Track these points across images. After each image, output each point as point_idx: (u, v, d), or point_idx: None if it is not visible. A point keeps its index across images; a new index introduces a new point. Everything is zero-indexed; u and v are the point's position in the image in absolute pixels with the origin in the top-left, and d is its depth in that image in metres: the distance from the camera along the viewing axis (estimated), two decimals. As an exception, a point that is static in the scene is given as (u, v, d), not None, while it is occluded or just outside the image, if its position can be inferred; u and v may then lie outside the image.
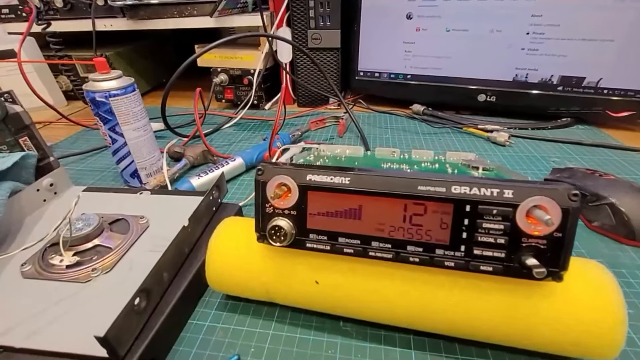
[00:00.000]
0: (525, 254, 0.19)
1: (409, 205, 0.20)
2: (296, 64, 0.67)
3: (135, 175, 0.42)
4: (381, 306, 0.22)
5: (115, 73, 0.38)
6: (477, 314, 0.21)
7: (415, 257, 0.21)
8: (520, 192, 0.18)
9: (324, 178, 0.21)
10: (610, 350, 0.19)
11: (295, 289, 0.24)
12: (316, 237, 0.22)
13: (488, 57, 0.57)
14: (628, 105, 0.53)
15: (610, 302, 0.19)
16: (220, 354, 0.24)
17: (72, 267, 0.27)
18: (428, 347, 0.24)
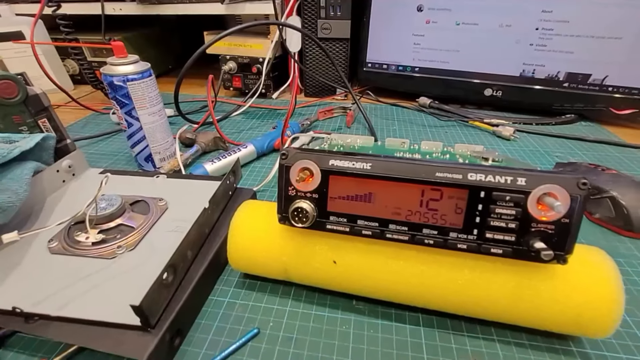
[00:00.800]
0: (534, 238, 0.20)
1: (426, 190, 0.21)
2: (305, 53, 0.67)
3: (150, 160, 0.43)
4: (396, 285, 0.24)
5: (133, 57, 0.38)
6: (485, 294, 0.22)
7: (430, 239, 0.22)
8: (533, 180, 0.20)
9: (346, 163, 0.22)
10: (607, 329, 0.21)
11: (314, 269, 0.25)
12: (336, 219, 0.23)
13: (496, 51, 0.58)
14: (631, 103, 0.54)
15: (609, 285, 0.21)
16: (240, 327, 0.25)
17: (97, 244, 0.28)
18: (436, 324, 0.25)
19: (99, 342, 0.21)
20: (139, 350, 0.21)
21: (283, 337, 0.25)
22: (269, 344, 0.24)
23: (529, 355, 0.23)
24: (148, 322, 0.21)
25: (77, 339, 0.22)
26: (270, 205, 0.28)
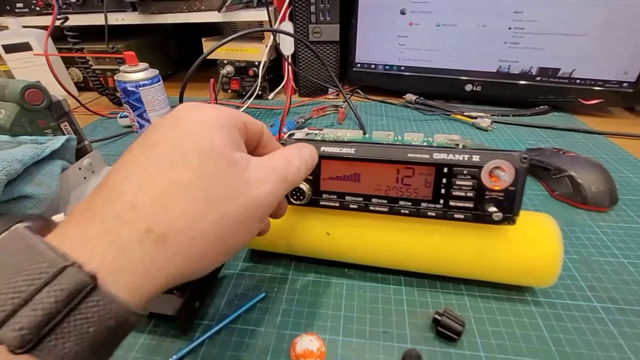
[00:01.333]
0: (488, 204, 0.25)
1: (401, 169, 0.26)
2: (298, 56, 0.71)
3: (160, 157, 0.47)
4: (380, 251, 0.28)
5: (143, 65, 0.43)
6: (454, 254, 0.27)
7: (406, 209, 0.26)
8: (485, 156, 0.24)
9: (334, 149, 0.27)
10: (551, 277, 0.26)
11: (311, 241, 0.30)
12: (328, 196, 0.28)
13: (474, 50, 0.63)
14: (597, 94, 0.59)
15: (554, 244, 0.26)
16: (249, 293, 0.30)
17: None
18: (415, 284, 0.30)
19: (135, 303, 0.26)
20: (169, 307, 0.25)
21: (286, 298, 0.29)
22: (274, 304, 0.29)
23: (491, 304, 0.28)
24: (174, 285, 0.26)
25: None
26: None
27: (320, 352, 0.25)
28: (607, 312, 0.27)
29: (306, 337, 0.26)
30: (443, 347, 0.25)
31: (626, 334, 0.25)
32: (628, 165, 0.46)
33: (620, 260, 0.31)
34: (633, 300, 0.28)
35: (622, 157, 0.48)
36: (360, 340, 0.26)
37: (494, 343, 0.25)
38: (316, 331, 0.26)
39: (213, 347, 0.26)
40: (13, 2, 0.73)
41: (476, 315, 0.27)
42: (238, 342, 0.26)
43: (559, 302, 0.28)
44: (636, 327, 0.26)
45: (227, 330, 0.27)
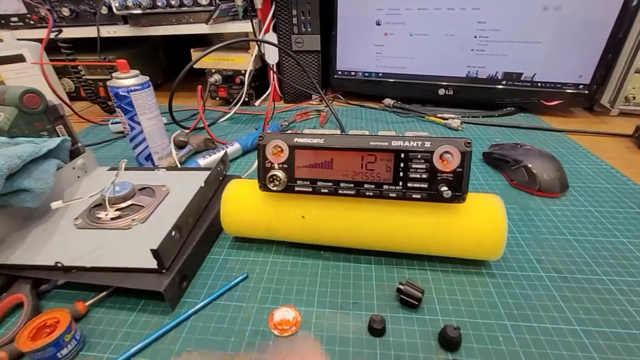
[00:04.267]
0: (440, 184, 0.28)
1: (365, 156, 0.29)
2: (282, 65, 0.76)
3: (149, 159, 0.50)
4: (348, 231, 0.32)
5: (134, 72, 0.46)
6: (414, 231, 0.30)
7: (370, 192, 0.30)
8: (435, 142, 0.28)
9: (306, 140, 0.30)
10: (499, 248, 0.29)
11: (288, 224, 0.33)
12: (302, 182, 0.31)
13: (445, 57, 0.68)
14: (558, 95, 0.64)
15: (499, 217, 0.29)
16: (233, 274, 0.32)
17: (115, 219, 0.35)
18: (384, 262, 0.33)
19: (126, 282, 0.28)
20: (158, 284, 0.28)
21: (267, 278, 0.32)
22: (256, 283, 0.31)
23: (450, 277, 0.31)
24: (163, 264, 0.28)
25: (109, 281, 0.28)
26: (253, 181, 0.35)
27: (296, 320, 0.27)
28: (551, 280, 0.30)
29: (283, 308, 0.28)
30: (405, 313, 0.28)
31: (566, 297, 0.29)
32: (581, 157, 0.50)
33: (566, 237, 0.35)
34: (574, 270, 0.31)
35: (577, 151, 0.52)
36: (333, 310, 0.28)
37: (450, 309, 0.28)
38: (293, 304, 0.29)
39: (198, 321, 0.28)
40: (8, 16, 0.76)
41: (436, 286, 0.30)
42: (221, 316, 0.28)
43: (510, 274, 0.31)
44: (575, 291, 0.29)
45: (211, 306, 0.29)
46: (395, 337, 0.26)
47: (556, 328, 0.26)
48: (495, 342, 0.25)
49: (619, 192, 0.42)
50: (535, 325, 0.26)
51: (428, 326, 0.27)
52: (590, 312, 0.27)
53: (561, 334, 0.26)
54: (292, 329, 0.27)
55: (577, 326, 0.26)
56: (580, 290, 0.29)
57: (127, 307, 0.29)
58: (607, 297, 0.29)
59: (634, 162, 0.49)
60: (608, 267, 0.31)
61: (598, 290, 0.29)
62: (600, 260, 0.32)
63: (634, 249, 0.33)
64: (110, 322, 0.28)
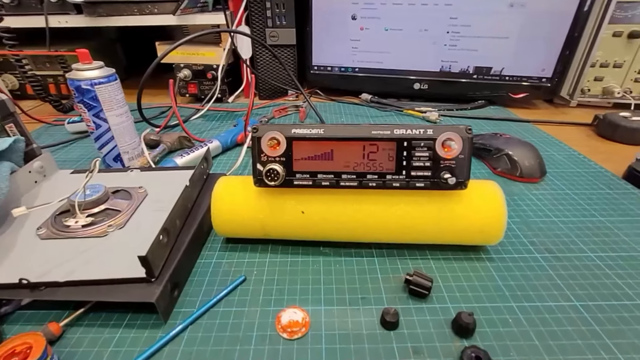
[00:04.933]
0: (443, 171, 0.28)
1: (367, 145, 0.28)
2: (256, 59, 0.73)
3: (118, 159, 0.46)
4: (351, 225, 0.30)
5: (98, 63, 0.41)
6: (417, 220, 0.30)
7: (373, 182, 0.29)
8: (437, 130, 0.28)
9: (305, 131, 0.28)
10: (500, 232, 0.30)
11: (286, 221, 0.31)
12: (301, 176, 0.29)
13: (419, 52, 0.69)
14: (523, 88, 0.68)
15: (499, 203, 0.30)
16: (229, 278, 0.30)
17: (88, 227, 0.31)
18: (386, 254, 0.32)
19: (111, 295, 0.25)
20: (148, 295, 0.25)
21: (267, 279, 0.30)
22: (255, 285, 0.29)
23: (453, 264, 0.31)
24: (152, 272, 0.25)
25: (89, 296, 0.25)
26: (243, 177, 0.33)
27: (305, 321, 0.26)
28: (546, 260, 0.32)
29: (290, 310, 0.27)
30: (415, 304, 0.27)
31: (562, 275, 0.30)
32: (551, 145, 0.54)
33: (552, 219, 0.37)
34: (564, 249, 0.33)
35: (546, 139, 0.56)
36: (342, 307, 0.27)
37: (458, 295, 0.28)
38: (299, 305, 0.27)
39: (196, 331, 0.25)
40: None
41: (441, 275, 0.30)
42: (222, 324, 0.26)
43: (508, 257, 0.32)
44: (568, 269, 0.30)
45: (209, 314, 0.27)
46: (409, 328, 0.25)
47: (558, 305, 0.27)
48: (505, 324, 0.26)
49: (590, 176, 0.45)
50: (539, 304, 0.27)
51: (439, 315, 0.26)
52: (585, 287, 0.29)
53: (563, 310, 0.27)
54: (302, 330, 0.25)
55: (576, 302, 0.27)
56: (572, 268, 0.31)
57: (111, 324, 0.26)
58: (597, 272, 0.30)
59: (597, 149, 0.53)
60: (593, 245, 0.33)
61: (588, 267, 0.31)
62: (585, 239, 0.34)
63: (611, 226, 0.36)
64: (92, 342, 0.25)
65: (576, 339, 0.25)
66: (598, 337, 0.25)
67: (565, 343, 0.24)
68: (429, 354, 0.24)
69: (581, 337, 0.25)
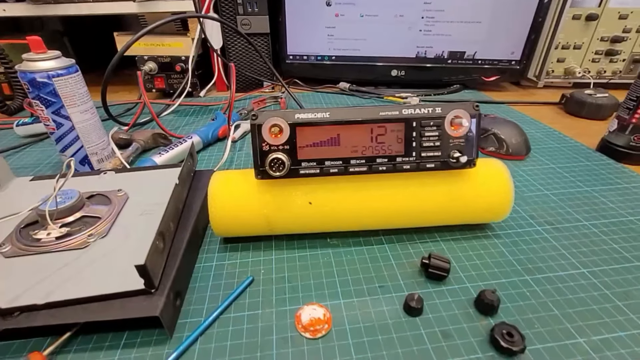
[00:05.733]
0: (453, 150, 0.28)
1: (374, 128, 0.27)
2: (228, 49, 0.69)
3: (86, 161, 0.40)
4: (361, 212, 0.29)
5: (54, 53, 0.36)
6: (428, 202, 0.29)
7: (383, 166, 0.28)
8: (446, 108, 0.27)
9: (309, 115, 0.26)
10: (508, 208, 0.30)
11: (293, 214, 0.29)
12: (307, 164, 0.27)
13: (395, 38, 0.69)
14: (495, 72, 0.70)
15: (506, 180, 0.30)
16: (235, 280, 0.27)
17: (63, 238, 0.27)
18: (396, 240, 0.31)
19: (104, 313, 0.21)
20: (150, 308, 0.22)
21: (276, 277, 0.28)
22: (265, 285, 0.27)
23: (463, 244, 0.31)
24: (152, 282, 0.22)
25: (78, 317, 0.21)
26: (241, 171, 0.30)
27: (327, 317, 0.24)
28: (547, 232, 0.32)
29: (308, 307, 0.25)
30: (434, 287, 0.27)
31: (565, 245, 0.31)
32: (529, 124, 0.56)
33: (544, 192, 0.38)
34: (562, 220, 0.34)
35: (523, 119, 0.58)
36: (361, 299, 0.26)
37: (474, 274, 0.28)
38: (316, 300, 0.26)
39: (209, 342, 0.23)
40: None
41: (454, 256, 0.30)
42: (236, 331, 0.24)
43: (513, 232, 0.32)
44: (569, 238, 0.31)
45: (220, 321, 0.24)
46: (434, 312, 0.25)
47: (568, 274, 0.28)
48: (524, 297, 0.26)
49: (569, 150, 0.47)
50: (550, 275, 0.28)
51: (460, 295, 0.26)
52: (587, 254, 0.30)
53: (574, 278, 0.27)
54: (325, 327, 0.24)
55: (583, 269, 0.28)
56: (573, 237, 0.32)
57: (106, 345, 0.23)
58: (595, 239, 0.31)
59: (569, 125, 0.56)
60: (585, 214, 0.35)
61: (587, 235, 0.32)
62: (577, 209, 0.35)
63: (597, 195, 0.38)
64: (87, 370, 0.21)
65: (591, 305, 0.25)
66: (609, 300, 0.26)
67: (582, 309, 0.25)
68: (458, 336, 0.23)
69: (595, 302, 0.25)
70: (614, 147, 0.44)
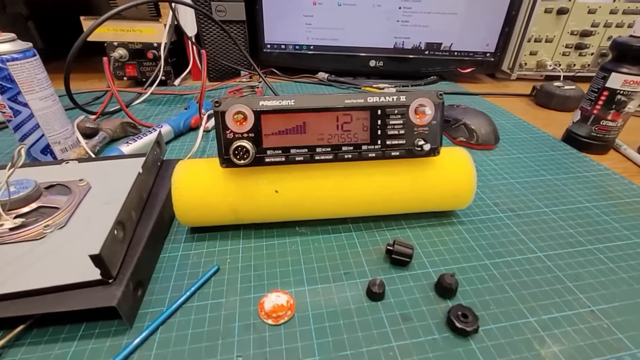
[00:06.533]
0: (417, 139, 0.28)
1: (340, 116, 0.27)
2: (203, 37, 0.67)
3: (48, 151, 0.39)
4: (328, 200, 0.29)
5: (9, 35, 0.34)
6: (394, 190, 0.30)
7: (349, 154, 0.28)
8: (410, 96, 0.27)
9: (274, 103, 0.26)
10: (469, 198, 0.31)
11: (259, 202, 0.29)
12: (272, 152, 0.27)
13: (373, 28, 0.69)
14: (470, 63, 0.71)
15: (469, 168, 0.30)
16: (200, 270, 0.27)
17: (17, 229, 0.26)
18: (363, 228, 0.32)
19: (59, 304, 0.21)
20: (107, 298, 0.21)
21: (242, 266, 0.28)
22: (231, 274, 0.27)
23: (428, 231, 0.32)
24: (109, 272, 0.22)
25: (31, 309, 0.21)
26: (206, 160, 0.30)
27: (290, 304, 0.24)
28: (509, 218, 0.33)
29: (272, 294, 0.25)
30: (398, 272, 0.27)
31: (524, 230, 0.32)
32: (499, 114, 0.57)
33: (509, 181, 0.39)
34: (524, 207, 0.35)
35: (494, 110, 0.59)
36: (326, 285, 0.26)
37: (437, 259, 0.29)
38: (281, 288, 0.26)
39: (169, 331, 0.23)
40: None
41: (419, 242, 0.30)
42: (198, 319, 0.24)
43: (477, 219, 0.33)
44: (529, 224, 0.33)
45: (182, 310, 0.24)
46: (395, 297, 0.25)
47: (525, 258, 0.29)
48: (482, 281, 0.27)
49: (535, 140, 0.49)
50: (509, 259, 0.29)
51: (422, 280, 0.27)
52: (545, 239, 0.31)
53: (530, 262, 0.29)
54: (288, 313, 0.24)
55: (540, 253, 0.29)
56: (533, 223, 0.33)
57: (62, 337, 0.22)
58: (553, 225, 0.33)
59: (537, 116, 0.58)
60: (547, 201, 0.36)
61: (546, 221, 0.33)
62: (539, 196, 0.37)
63: (559, 183, 0.39)
64: (41, 362, 0.21)
65: (544, 286, 0.26)
66: (561, 281, 0.27)
67: (536, 290, 0.26)
68: (417, 319, 0.24)
69: (548, 284, 0.27)
70: (577, 137, 0.46)
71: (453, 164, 0.30)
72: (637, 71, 0.39)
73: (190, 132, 0.49)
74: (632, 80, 0.40)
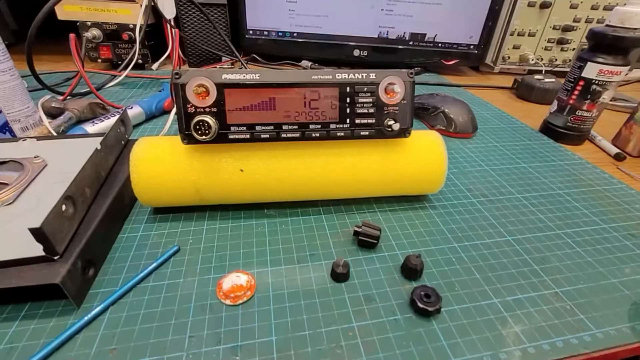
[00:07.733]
0: (387, 118, 0.27)
1: (307, 93, 0.26)
2: (182, 20, 0.65)
3: (6, 129, 0.37)
4: (295, 181, 0.28)
5: (-40, 2, 0.32)
6: (364, 172, 0.29)
7: (316, 132, 0.27)
8: (380, 74, 0.27)
9: (238, 76, 0.25)
10: (440, 181, 0.30)
11: (223, 181, 0.28)
12: (237, 129, 0.26)
13: (357, 16, 0.68)
14: (454, 55, 0.71)
15: (440, 151, 0.30)
16: (159, 250, 0.26)
17: (-41, 205, 0.24)
18: (334, 211, 0.31)
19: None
20: (50, 275, 0.20)
21: (204, 247, 0.27)
22: (191, 255, 0.26)
23: (399, 215, 0.31)
24: (52, 248, 0.21)
25: (-38, 285, 0.19)
26: (169, 137, 0.29)
27: (250, 284, 0.24)
28: (481, 204, 0.33)
29: (231, 275, 0.24)
30: (365, 254, 0.27)
31: (495, 216, 0.32)
32: (480, 105, 0.57)
33: (484, 168, 0.39)
34: (496, 193, 0.35)
35: (475, 100, 0.59)
36: (289, 266, 0.25)
37: (405, 242, 0.28)
38: (243, 269, 0.25)
39: (120, 312, 0.22)
40: None
41: (389, 225, 0.30)
42: (152, 299, 0.22)
43: (449, 204, 0.33)
44: (500, 210, 0.33)
45: (136, 291, 0.23)
46: (360, 278, 0.25)
47: (494, 242, 0.29)
48: (449, 263, 0.26)
49: (513, 130, 0.49)
50: (478, 242, 0.29)
51: (389, 262, 0.26)
52: (515, 224, 0.31)
53: (498, 245, 0.28)
54: (248, 294, 0.23)
55: (509, 237, 0.29)
56: (504, 209, 0.33)
57: (2, 318, 0.21)
58: (524, 210, 0.33)
59: (517, 108, 0.58)
60: (519, 187, 0.36)
61: (517, 207, 0.33)
62: (513, 183, 0.37)
63: (533, 171, 0.39)
64: (-26, 342, 0.19)
65: (510, 268, 0.26)
66: (528, 264, 0.27)
67: (502, 273, 0.26)
68: (380, 300, 0.23)
69: (514, 266, 0.26)
70: (554, 127, 0.46)
71: (424, 146, 0.30)
72: (612, 61, 0.40)
73: (164, 115, 0.48)
74: (607, 70, 0.40)
